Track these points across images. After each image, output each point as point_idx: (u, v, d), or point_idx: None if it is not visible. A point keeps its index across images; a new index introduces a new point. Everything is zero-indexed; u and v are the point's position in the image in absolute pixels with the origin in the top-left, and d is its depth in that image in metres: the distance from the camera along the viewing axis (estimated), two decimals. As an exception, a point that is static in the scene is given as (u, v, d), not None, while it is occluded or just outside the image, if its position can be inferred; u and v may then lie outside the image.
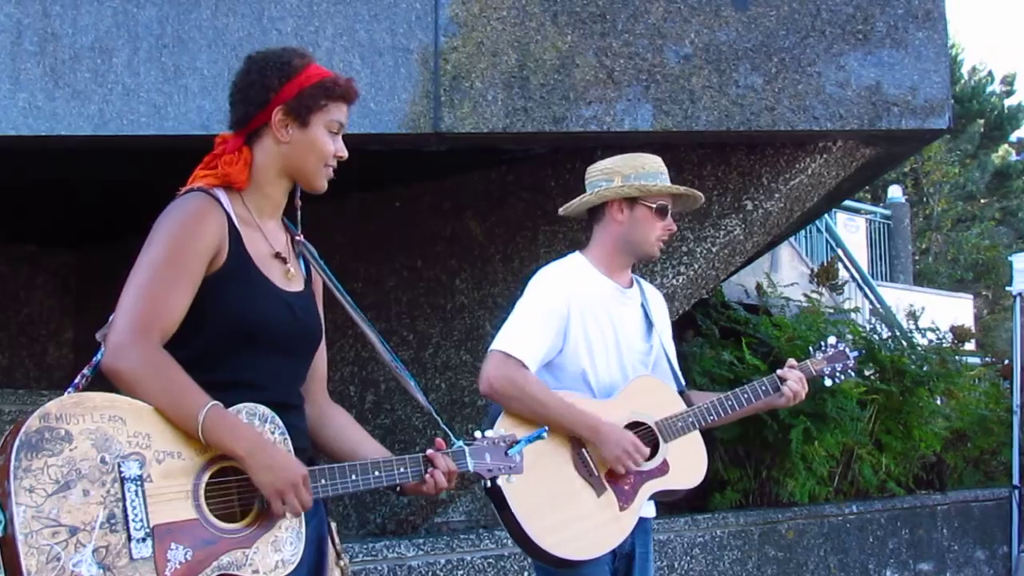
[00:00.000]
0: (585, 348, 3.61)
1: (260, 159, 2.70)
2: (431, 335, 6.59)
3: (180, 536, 2.38)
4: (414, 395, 2.92)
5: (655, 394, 3.68)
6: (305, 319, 2.75)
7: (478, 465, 2.81)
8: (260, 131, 2.70)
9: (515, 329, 3.57)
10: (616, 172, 3.70)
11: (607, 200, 3.70)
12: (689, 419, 3.65)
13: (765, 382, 3.77)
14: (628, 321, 3.73)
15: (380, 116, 5.16)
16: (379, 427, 6.52)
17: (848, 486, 8.24)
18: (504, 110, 5.26)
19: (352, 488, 2.62)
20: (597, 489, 3.51)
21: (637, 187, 3.66)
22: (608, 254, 3.73)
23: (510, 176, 6.48)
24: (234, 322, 2.58)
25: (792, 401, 3.77)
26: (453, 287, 6.57)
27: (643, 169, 3.70)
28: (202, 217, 2.59)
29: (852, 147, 5.97)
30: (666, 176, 3.75)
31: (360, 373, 6.74)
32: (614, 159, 3.75)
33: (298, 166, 2.72)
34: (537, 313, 3.59)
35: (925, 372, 8.60)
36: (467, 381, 6.30)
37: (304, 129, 2.69)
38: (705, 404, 3.70)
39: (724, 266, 6.29)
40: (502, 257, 6.43)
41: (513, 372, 3.48)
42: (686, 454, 3.66)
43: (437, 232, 6.68)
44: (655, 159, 3.76)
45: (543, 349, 3.55)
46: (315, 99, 2.69)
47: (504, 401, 3.49)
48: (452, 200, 6.68)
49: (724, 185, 6.01)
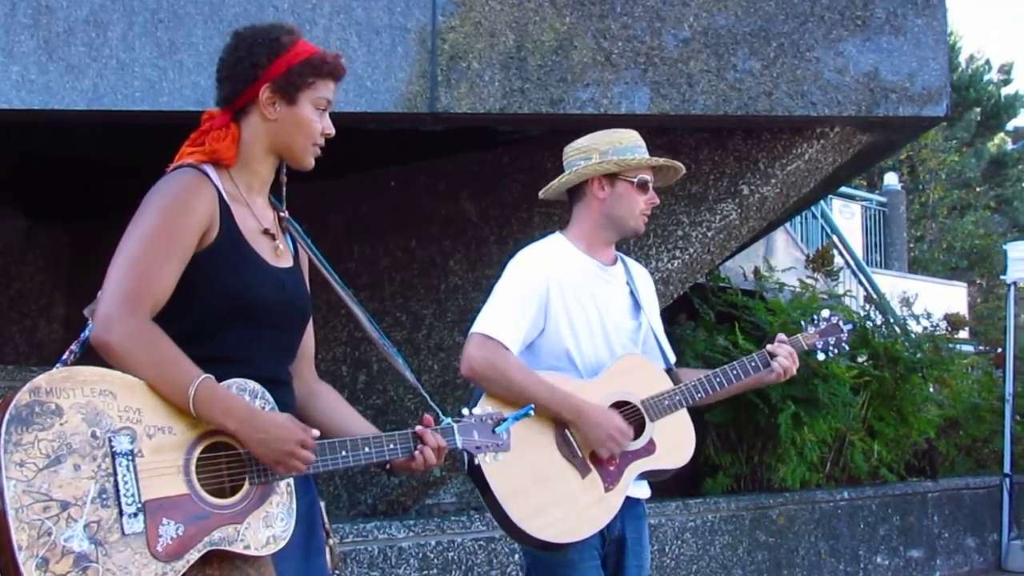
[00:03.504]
0: (568, 327, 3.56)
1: (248, 136, 2.71)
2: (424, 316, 6.59)
3: (172, 511, 2.38)
4: (401, 372, 2.93)
5: (641, 372, 3.63)
6: (295, 295, 2.76)
7: (466, 442, 2.83)
8: (248, 108, 2.70)
9: (494, 310, 3.53)
10: (593, 149, 3.67)
11: (587, 178, 3.67)
12: (676, 397, 3.61)
13: (755, 357, 3.73)
14: (612, 299, 3.69)
15: (376, 95, 5.14)
16: (371, 407, 6.52)
17: (839, 472, 8.27)
18: (501, 91, 5.25)
19: (342, 464, 2.63)
20: (581, 470, 3.47)
21: (615, 162, 3.62)
22: (589, 232, 3.69)
23: (506, 158, 6.48)
24: (226, 297, 2.59)
25: (783, 376, 3.73)
26: (447, 268, 6.57)
27: (620, 144, 3.66)
28: (193, 191, 2.59)
29: (849, 133, 5.97)
30: (644, 149, 3.71)
31: (352, 353, 6.74)
32: (589, 137, 3.71)
33: (285, 143, 2.72)
34: (516, 293, 3.55)
35: (918, 359, 8.63)
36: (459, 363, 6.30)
37: (291, 106, 2.69)
38: (692, 382, 3.65)
39: (719, 251, 6.29)
40: (497, 239, 6.42)
41: (493, 354, 3.44)
42: (673, 433, 3.62)
43: (432, 213, 6.67)
44: (631, 133, 3.72)
45: (523, 329, 3.51)
46: (303, 76, 2.68)
47: (485, 384, 3.46)
48: (447, 181, 6.67)
49: (720, 170, 6.01)
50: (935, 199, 25.58)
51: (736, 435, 7.66)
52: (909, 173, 25.56)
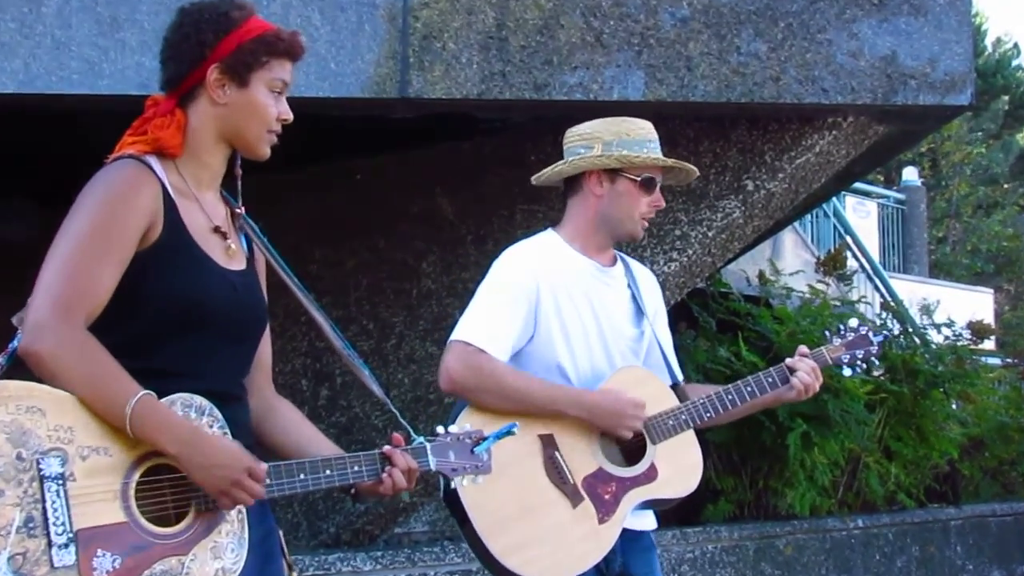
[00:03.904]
0: (560, 335, 3.52)
1: (195, 123, 2.69)
2: (394, 324, 6.57)
3: (107, 542, 2.35)
4: (368, 386, 2.91)
5: (643, 387, 3.57)
6: (249, 300, 2.74)
7: (440, 463, 2.80)
8: (194, 92, 2.68)
9: (477, 316, 3.49)
10: (596, 138, 3.61)
11: (584, 170, 3.62)
12: (682, 416, 3.57)
13: (772, 373, 3.68)
14: (612, 303, 3.65)
15: (341, 79, 5.13)
16: (334, 425, 6.50)
17: (853, 497, 8.28)
18: (480, 75, 5.24)
19: (301, 488, 2.61)
20: (572, 499, 3.41)
21: (618, 157, 3.56)
22: (584, 231, 3.65)
23: (485, 148, 6.47)
24: (170, 302, 2.56)
25: (804, 395, 3.68)
26: (420, 271, 6.56)
27: (627, 136, 3.60)
28: (134, 185, 2.56)
29: (864, 124, 5.98)
30: (656, 144, 3.66)
31: (313, 366, 6.72)
32: (595, 123, 3.65)
33: (237, 131, 2.70)
34: (501, 296, 3.51)
35: (940, 373, 8.65)
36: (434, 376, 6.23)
37: (243, 89, 2.67)
38: (701, 399, 3.60)
39: (721, 252, 6.30)
40: (475, 238, 6.41)
41: (475, 360, 3.40)
42: (677, 458, 3.57)
43: (402, 210, 6.66)
44: (643, 124, 3.67)
45: (510, 337, 3.47)
46: (255, 55, 2.67)
47: (470, 394, 3.41)
48: (420, 174, 6.65)
49: (723, 163, 6.01)
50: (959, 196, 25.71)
51: (739, 456, 7.66)
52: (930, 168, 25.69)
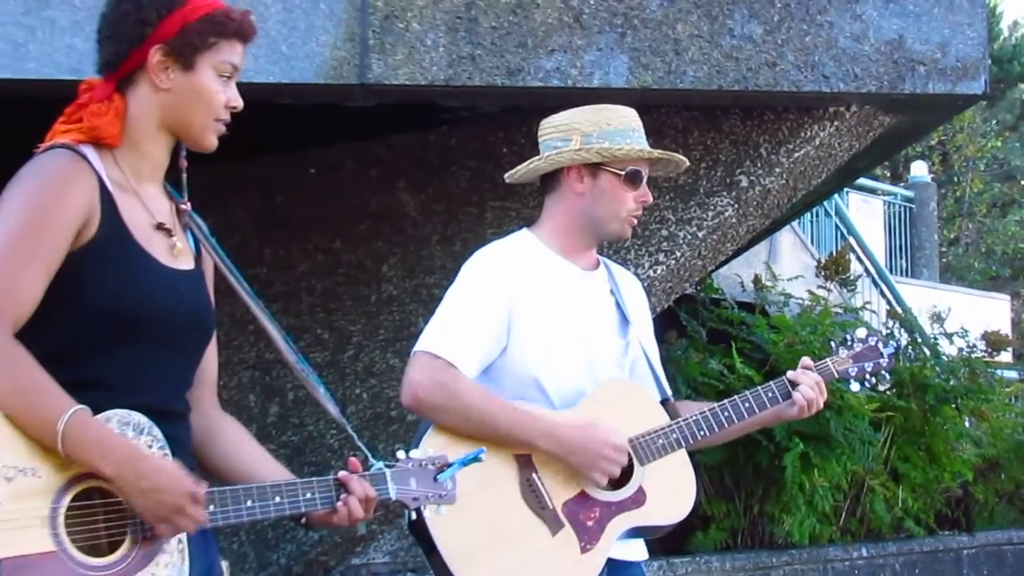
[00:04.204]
0: (537, 347, 3.51)
1: (135, 110, 2.69)
2: (352, 333, 6.57)
3: (34, 573, 2.35)
4: (322, 402, 2.92)
5: (629, 403, 3.59)
6: (195, 305, 2.73)
7: (401, 492, 2.81)
8: (135, 75, 2.68)
9: (444, 325, 3.48)
10: (574, 130, 3.61)
11: (562, 166, 3.62)
12: (673, 435, 3.57)
13: (772, 387, 3.69)
14: (594, 312, 3.66)
15: (293, 62, 5.12)
16: (285, 446, 6.49)
17: (856, 524, 8.30)
18: (447, 58, 5.24)
19: (248, 517, 2.61)
20: (552, 525, 3.41)
21: (599, 150, 3.56)
22: (564, 231, 3.65)
23: (452, 140, 6.47)
24: (106, 307, 2.56)
25: (807, 411, 3.69)
26: (380, 274, 6.55)
27: (608, 126, 3.60)
28: (67, 178, 2.56)
29: (869, 114, 6.01)
30: (640, 133, 3.66)
31: (262, 379, 6.70)
32: (572, 112, 3.65)
33: (182, 119, 2.70)
34: (471, 303, 3.50)
35: (952, 387, 8.67)
36: (395, 391, 6.24)
37: (188, 73, 2.67)
38: (694, 416, 3.60)
39: (712, 254, 6.31)
40: (441, 239, 6.42)
41: (443, 376, 3.38)
42: (668, 481, 3.58)
43: (361, 206, 6.65)
44: (624, 112, 3.67)
45: (481, 348, 3.47)
46: (202, 36, 2.67)
47: (433, 412, 3.41)
48: (380, 167, 6.65)
49: (714, 156, 6.03)
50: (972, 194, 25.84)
51: (732, 479, 7.67)
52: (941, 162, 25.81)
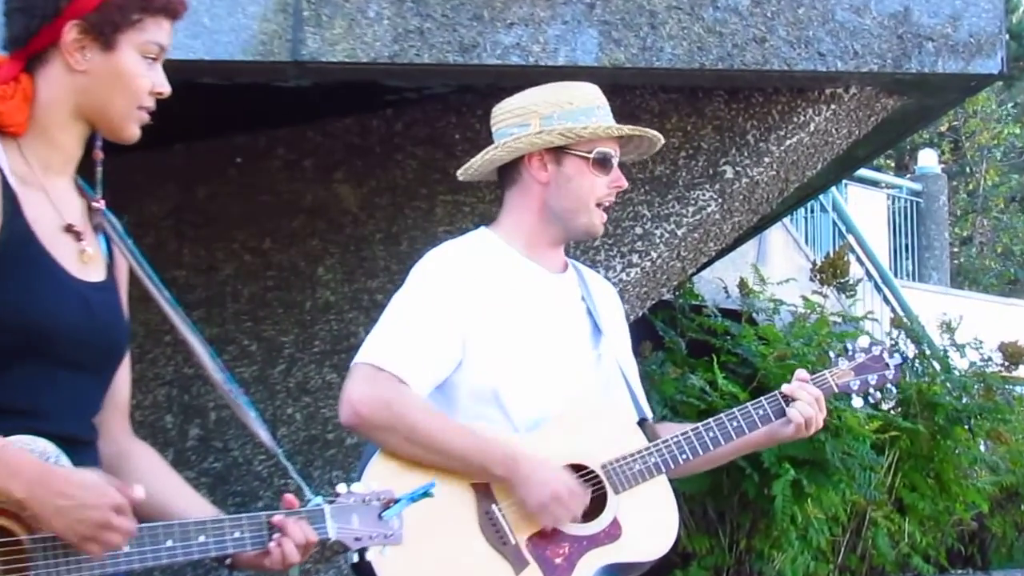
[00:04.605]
0: (498, 360, 3.52)
1: (46, 94, 2.68)
2: (283, 345, 6.56)
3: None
4: (250, 424, 2.91)
5: (603, 424, 3.60)
6: (106, 320, 2.72)
7: (342, 531, 2.81)
8: (46, 54, 2.67)
9: (390, 335, 3.49)
10: (531, 112, 3.62)
11: (523, 154, 3.63)
12: (652, 460, 3.58)
13: (764, 404, 3.70)
14: (562, 320, 3.67)
15: (217, 36, 5.11)
16: (206, 473, 6.48)
17: (857, 562, 8.33)
18: (392, 33, 5.24)
19: (168, 559, 2.61)
20: (515, 563, 3.42)
21: (562, 131, 3.57)
22: (527, 228, 3.67)
23: (398, 124, 6.47)
24: (5, 322, 2.55)
25: (804, 431, 3.70)
26: (315, 278, 6.55)
27: (570, 104, 3.62)
28: (-39, 172, 2.56)
29: (870, 96, 6.04)
30: (606, 111, 3.68)
31: (181, 397, 6.69)
32: (528, 93, 3.67)
33: (100, 105, 2.70)
34: (422, 311, 3.51)
35: (964, 406, 8.71)
36: (332, 410, 6.25)
37: (108, 53, 2.67)
38: (676, 437, 3.62)
39: (693, 255, 6.33)
40: (385, 237, 6.42)
41: (388, 392, 3.39)
42: (647, 512, 3.59)
43: (294, 201, 6.64)
44: (587, 88, 3.70)
45: (433, 362, 3.47)
46: (124, 12, 2.66)
47: (376, 433, 3.41)
48: (316, 156, 6.65)
49: (695, 144, 6.05)
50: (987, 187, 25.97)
51: (715, 510, 7.70)
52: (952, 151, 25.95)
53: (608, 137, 3.65)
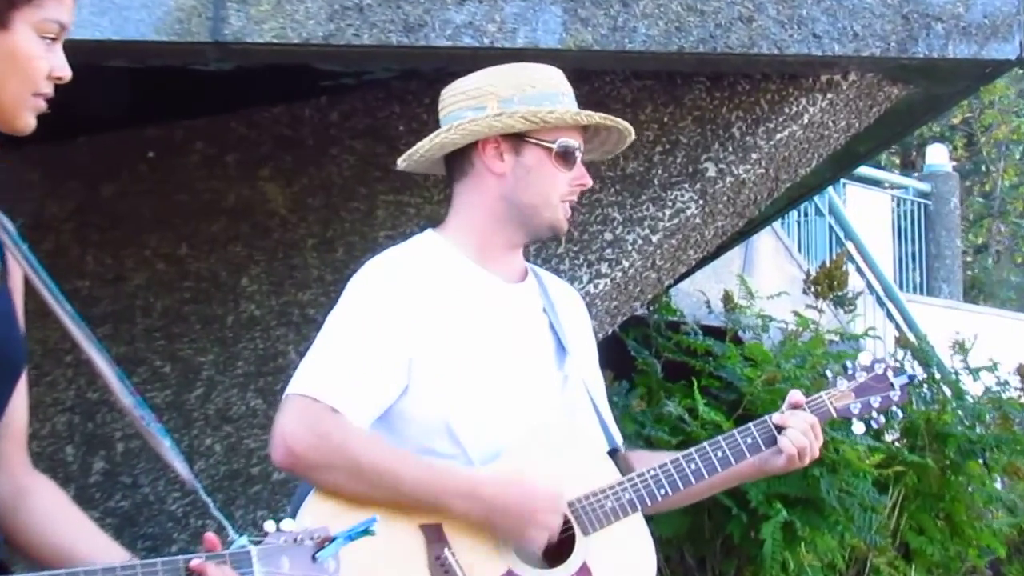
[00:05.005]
0: (449, 383, 3.51)
1: (-73, 79, 2.68)
2: (201, 366, 6.55)
3: None
4: (168, 463, 2.91)
5: (569, 455, 3.60)
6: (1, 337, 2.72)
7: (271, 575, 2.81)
8: (-73, 34, 2.67)
9: (326, 359, 3.48)
10: (488, 94, 3.62)
11: (477, 139, 3.62)
12: (625, 496, 3.58)
13: (752, 431, 3.70)
14: (522, 336, 3.67)
15: (127, 13, 5.11)
16: (113, 513, 6.46)
17: (857, 615, 8.37)
18: (327, 10, 5.25)
19: (70, 609, 2.61)
20: None
21: (524, 115, 3.57)
22: (481, 229, 3.66)
23: (333, 114, 6.48)
24: None
25: (798, 461, 3.69)
26: (237, 290, 6.55)
27: (532, 87, 3.63)
28: None
29: (872, 84, 6.08)
30: (571, 99, 3.69)
31: (84, 426, 6.67)
32: (485, 74, 3.67)
33: (-11, 92, 2.70)
34: (362, 331, 3.50)
35: (979, 437, 8.71)
36: (257, 441, 6.27)
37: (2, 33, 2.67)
38: (652, 471, 3.61)
39: (671, 264, 6.35)
40: (319, 243, 6.42)
41: (325, 425, 3.37)
42: (620, 555, 3.60)
43: (214, 201, 6.64)
44: (551, 73, 3.71)
45: (375, 390, 3.47)
46: (20, -14, 2.67)
47: (314, 472, 3.40)
48: (240, 151, 6.65)
49: (672, 137, 6.07)
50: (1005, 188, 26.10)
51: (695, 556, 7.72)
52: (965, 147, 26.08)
53: (574, 126, 3.66)
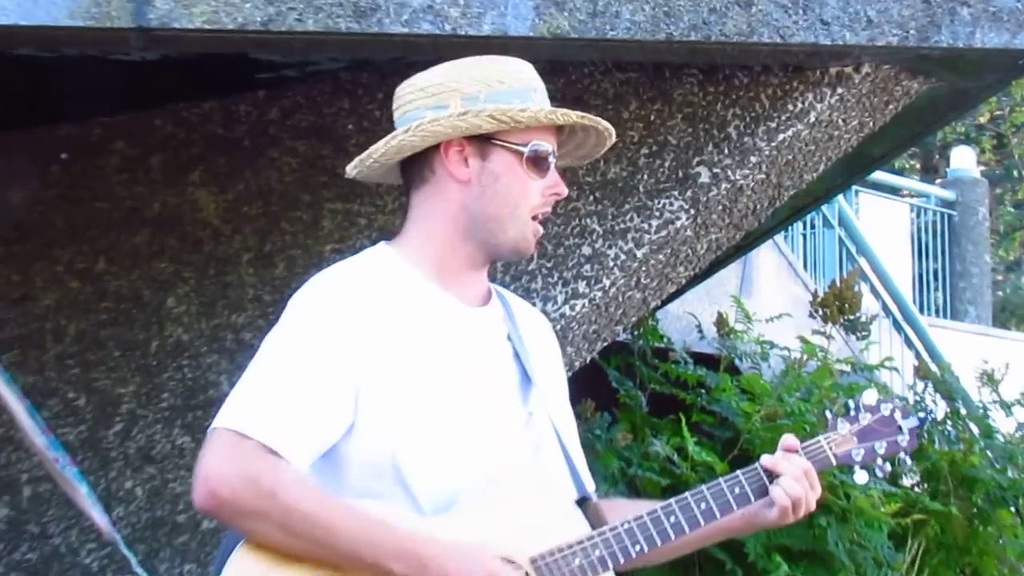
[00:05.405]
0: (399, 421, 3.50)
1: None
2: (120, 398, 6.55)
3: None
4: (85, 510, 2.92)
5: (533, 504, 3.58)
6: None
7: None
8: None
9: (260, 390, 3.45)
10: (451, 91, 3.61)
11: (438, 142, 3.61)
12: (595, 553, 3.55)
13: (741, 479, 3.67)
14: (483, 368, 3.66)
15: (37, -5, 5.13)
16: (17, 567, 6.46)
17: None
18: (265, -9, 5.27)
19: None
20: None
21: (492, 114, 3.56)
22: (440, 245, 3.66)
23: (273, 111, 6.50)
24: None
25: (792, 515, 3.67)
26: (163, 311, 6.55)
27: (501, 84, 3.62)
28: None
29: (888, 77, 6.11)
30: (542, 93, 3.69)
31: (-14, 467, 6.69)
32: (446, 68, 3.66)
33: None
34: (302, 359, 3.47)
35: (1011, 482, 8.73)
36: (185, 484, 6.26)
37: None
38: (627, 524, 3.59)
39: (657, 283, 6.37)
40: (254, 258, 6.43)
41: (255, 465, 3.34)
42: None
43: (137, 209, 6.65)
44: (521, 67, 3.70)
45: (316, 426, 3.44)
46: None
47: (241, 519, 3.37)
48: (166, 152, 6.66)
49: (660, 138, 6.09)
50: (1040, 195, 26.22)
51: (685, 617, 7.74)
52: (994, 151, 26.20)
53: (548, 127, 3.66)
